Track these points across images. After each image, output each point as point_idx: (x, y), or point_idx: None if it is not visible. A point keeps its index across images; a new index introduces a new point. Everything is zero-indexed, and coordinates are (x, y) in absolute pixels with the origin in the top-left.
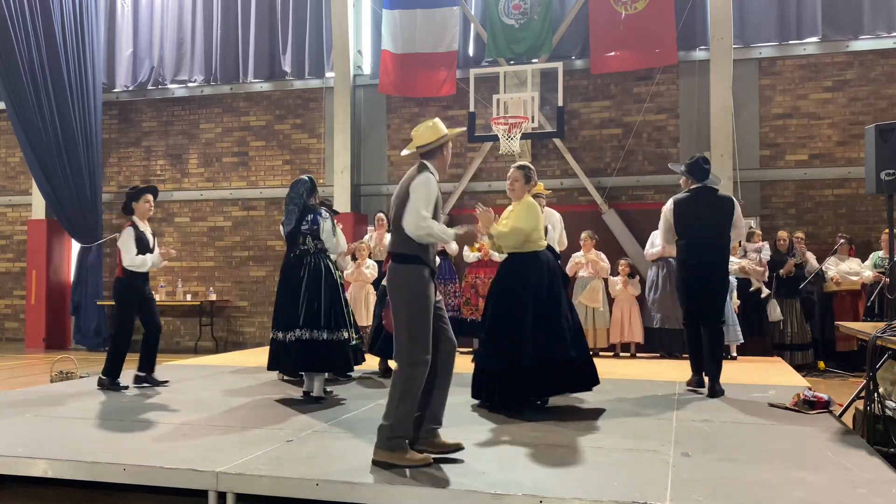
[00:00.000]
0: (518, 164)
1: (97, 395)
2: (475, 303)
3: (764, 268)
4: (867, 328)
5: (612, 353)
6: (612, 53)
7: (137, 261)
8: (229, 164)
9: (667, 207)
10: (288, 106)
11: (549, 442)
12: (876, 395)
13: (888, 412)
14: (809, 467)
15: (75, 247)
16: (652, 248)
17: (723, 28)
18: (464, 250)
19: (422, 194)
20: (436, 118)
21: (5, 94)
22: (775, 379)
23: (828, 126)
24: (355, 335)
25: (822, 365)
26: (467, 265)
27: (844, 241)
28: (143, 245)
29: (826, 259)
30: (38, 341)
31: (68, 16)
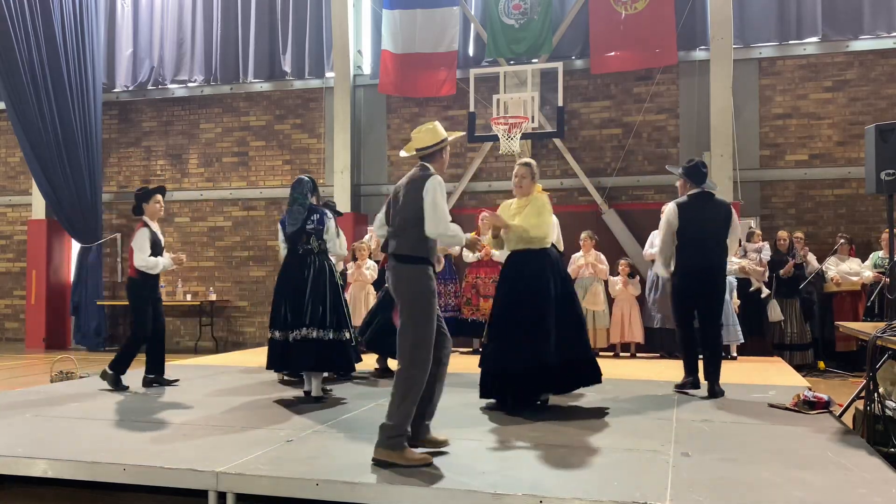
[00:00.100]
0: (523, 160)
1: (97, 395)
2: (476, 303)
3: (764, 268)
4: (867, 328)
5: (612, 353)
6: (612, 53)
7: (150, 262)
8: (229, 164)
9: (670, 211)
10: (288, 106)
11: (549, 442)
12: (876, 395)
13: (888, 412)
14: (809, 467)
15: (75, 247)
16: (651, 248)
17: (723, 28)
18: (464, 250)
19: (440, 198)
20: (435, 121)
21: (5, 94)
22: (775, 379)
23: (828, 126)
24: (356, 335)
25: (822, 365)
26: (467, 265)
27: (844, 241)
28: (156, 247)
29: (826, 259)
30: (38, 341)
31: (68, 16)
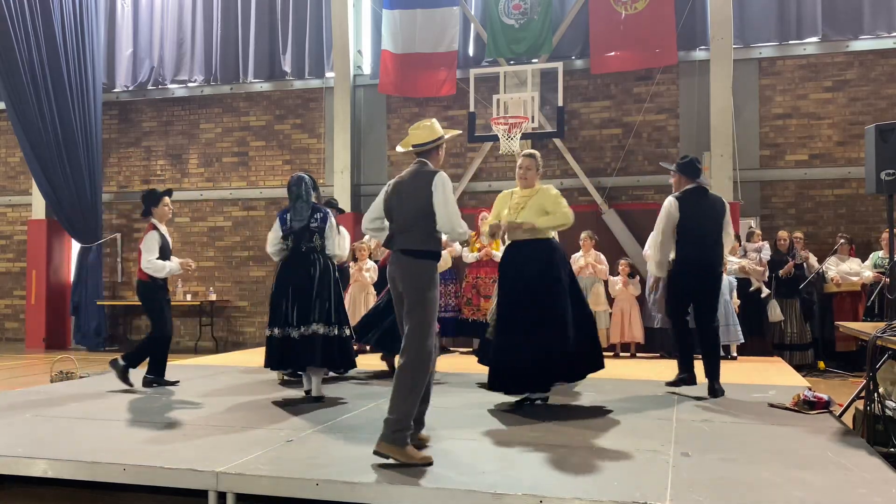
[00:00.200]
0: (528, 151)
1: (97, 395)
2: (476, 303)
3: (764, 268)
4: (867, 328)
5: (612, 353)
6: (612, 53)
7: (157, 265)
8: (229, 164)
9: (670, 204)
10: (288, 106)
11: (549, 442)
12: (876, 395)
13: (888, 412)
14: (809, 467)
15: (75, 247)
16: (650, 250)
17: (723, 28)
18: (464, 251)
19: (450, 194)
20: (433, 119)
21: (5, 94)
22: (775, 379)
23: (828, 126)
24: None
25: (822, 365)
26: (467, 265)
27: (844, 241)
28: (165, 250)
29: (826, 259)
30: (38, 341)
31: (68, 16)
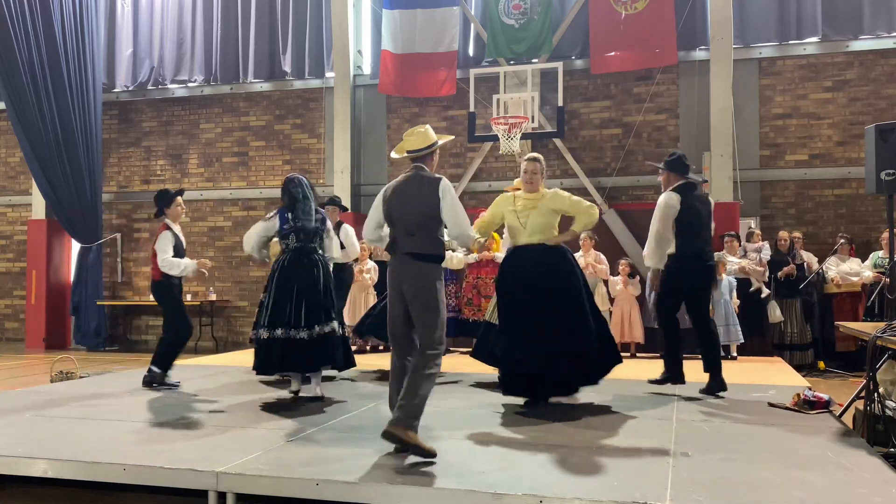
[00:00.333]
0: (532, 155)
1: (97, 395)
2: (477, 303)
3: (764, 268)
4: (867, 328)
5: None
6: (612, 53)
7: (173, 262)
8: (229, 164)
9: (671, 197)
10: (288, 106)
11: (549, 442)
12: (876, 395)
13: (888, 412)
14: (809, 467)
15: (75, 247)
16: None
17: (723, 28)
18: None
19: (457, 200)
20: (427, 125)
21: (5, 94)
22: (775, 379)
23: (828, 126)
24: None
25: (822, 365)
26: (467, 265)
27: (845, 241)
28: (178, 250)
29: (826, 259)
30: (38, 341)
31: (68, 16)
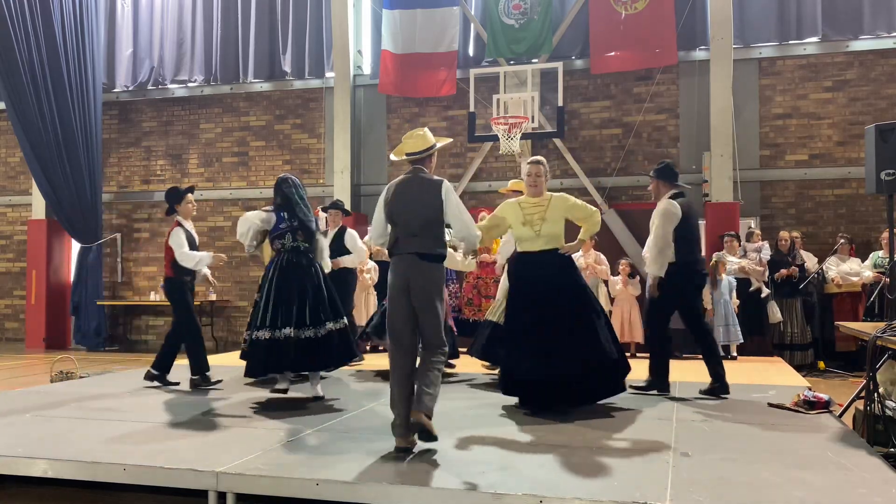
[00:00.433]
0: (534, 159)
1: (97, 395)
2: (478, 303)
3: (763, 268)
4: (867, 328)
5: None
6: (612, 53)
7: (191, 255)
8: (229, 164)
9: (672, 206)
10: (288, 106)
11: (549, 442)
12: (876, 395)
13: (888, 412)
14: (809, 467)
15: (75, 247)
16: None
17: (723, 28)
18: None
19: (460, 202)
20: (425, 128)
21: (5, 94)
22: (775, 379)
23: (828, 126)
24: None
25: (822, 365)
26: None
27: (845, 241)
28: (191, 246)
29: (826, 259)
30: (38, 341)
31: (68, 16)
